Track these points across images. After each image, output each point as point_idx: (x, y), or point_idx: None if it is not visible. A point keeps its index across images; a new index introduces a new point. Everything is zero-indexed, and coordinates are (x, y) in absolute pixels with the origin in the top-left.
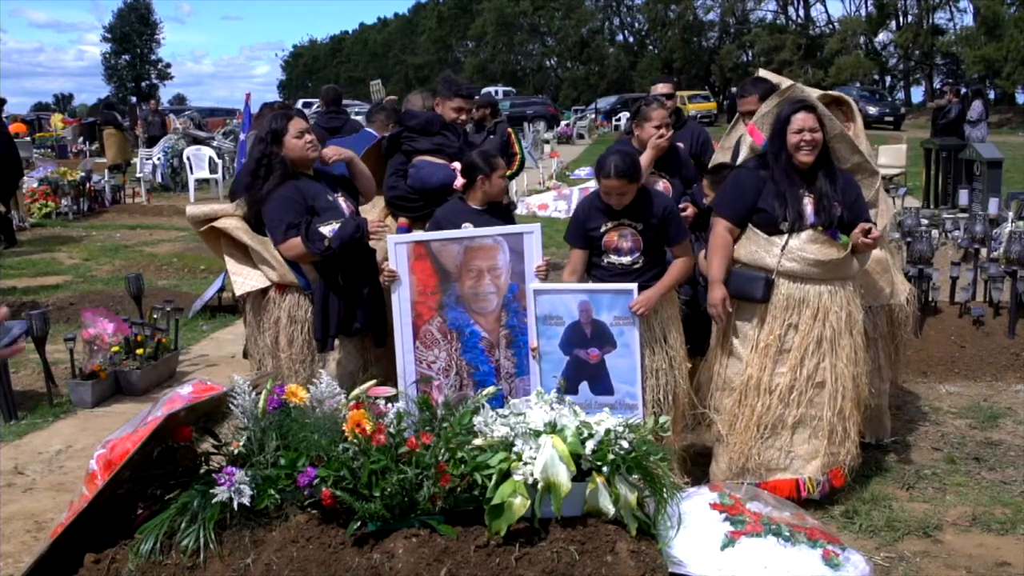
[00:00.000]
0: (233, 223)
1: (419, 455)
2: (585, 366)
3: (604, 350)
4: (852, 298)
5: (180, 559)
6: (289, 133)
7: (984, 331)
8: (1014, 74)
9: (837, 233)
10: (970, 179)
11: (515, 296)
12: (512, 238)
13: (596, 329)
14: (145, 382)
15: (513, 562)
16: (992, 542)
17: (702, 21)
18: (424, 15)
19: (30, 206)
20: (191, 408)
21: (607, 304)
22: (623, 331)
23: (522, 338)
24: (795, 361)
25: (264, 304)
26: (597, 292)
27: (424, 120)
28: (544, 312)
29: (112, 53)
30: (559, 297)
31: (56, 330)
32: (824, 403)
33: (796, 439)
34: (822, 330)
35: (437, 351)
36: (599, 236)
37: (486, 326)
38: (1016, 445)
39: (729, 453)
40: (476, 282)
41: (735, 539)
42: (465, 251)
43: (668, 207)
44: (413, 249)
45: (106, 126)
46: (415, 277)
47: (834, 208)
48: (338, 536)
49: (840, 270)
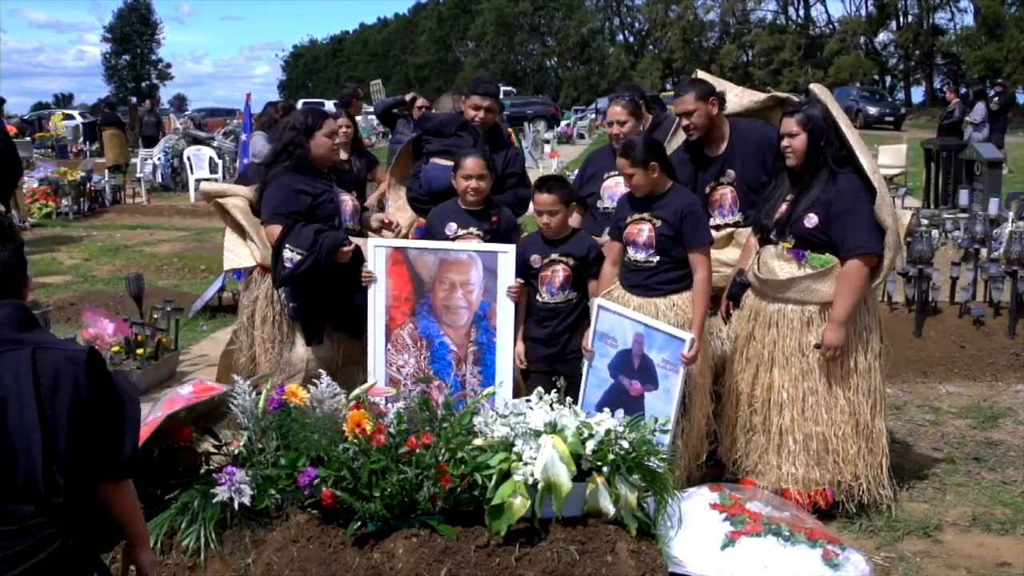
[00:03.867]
0: (233, 201)
1: (419, 455)
2: (625, 395)
3: (646, 387)
4: (822, 325)
5: (180, 559)
6: (321, 130)
7: (984, 331)
8: (1015, 74)
9: (801, 253)
10: (970, 179)
11: (485, 314)
12: (486, 256)
13: (643, 364)
14: (145, 382)
15: (513, 562)
16: (992, 542)
17: (702, 21)
18: (424, 15)
19: (30, 206)
20: (191, 408)
21: (660, 344)
22: (667, 375)
23: (489, 356)
24: (751, 373)
25: (249, 282)
26: (654, 329)
27: (439, 122)
28: (603, 329)
29: (112, 53)
30: (619, 320)
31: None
32: (790, 424)
33: (772, 449)
34: (772, 350)
35: (407, 356)
36: (624, 227)
37: (455, 339)
38: (1016, 445)
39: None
40: (448, 295)
41: (735, 539)
42: (440, 263)
43: (686, 206)
44: (391, 254)
45: (106, 126)
46: (391, 281)
47: (805, 218)
48: (338, 536)
49: (787, 291)
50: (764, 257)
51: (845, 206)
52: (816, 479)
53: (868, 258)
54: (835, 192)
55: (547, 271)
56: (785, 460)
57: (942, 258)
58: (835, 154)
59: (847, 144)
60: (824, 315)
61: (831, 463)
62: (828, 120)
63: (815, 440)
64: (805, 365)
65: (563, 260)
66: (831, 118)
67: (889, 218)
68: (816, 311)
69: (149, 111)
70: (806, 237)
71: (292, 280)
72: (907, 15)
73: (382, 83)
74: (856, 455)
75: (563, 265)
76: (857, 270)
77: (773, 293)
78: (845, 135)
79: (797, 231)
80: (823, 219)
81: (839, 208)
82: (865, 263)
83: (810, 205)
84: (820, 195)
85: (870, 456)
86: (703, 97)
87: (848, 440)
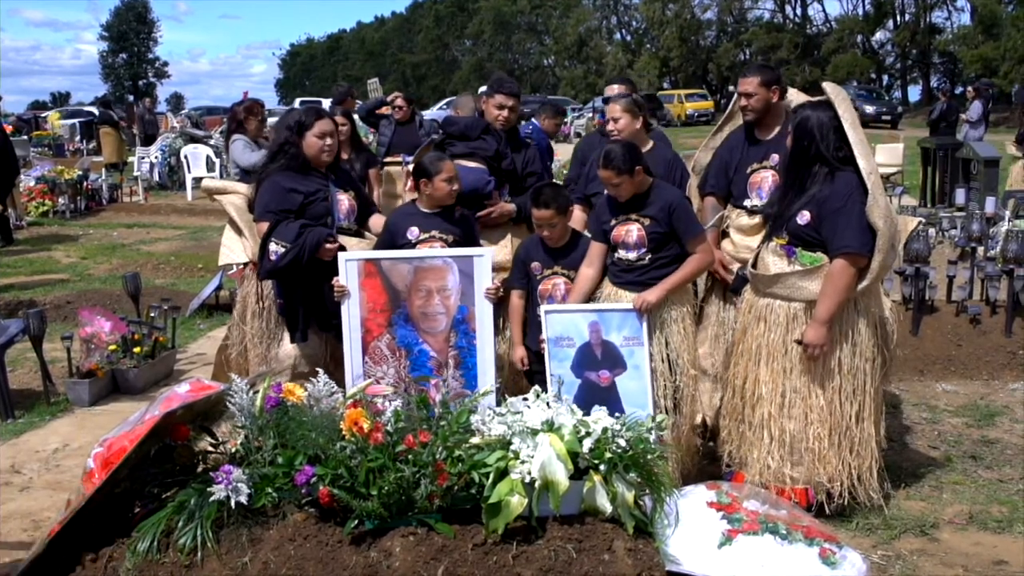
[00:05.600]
0: (229, 199)
1: (416, 453)
2: (596, 390)
3: (615, 372)
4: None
5: (177, 557)
6: (312, 130)
7: (981, 330)
8: (1011, 73)
9: (792, 250)
10: (967, 178)
11: (464, 318)
12: (462, 260)
13: (606, 350)
14: (142, 381)
15: (510, 560)
16: (989, 540)
17: (700, 20)
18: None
19: (27, 205)
20: (188, 407)
21: (616, 324)
22: (633, 352)
23: (471, 360)
24: (743, 366)
25: (243, 278)
26: (606, 311)
27: (464, 126)
28: (555, 334)
29: (109, 52)
30: (569, 317)
31: (53, 329)
32: (767, 418)
33: (755, 442)
34: (760, 345)
35: (386, 367)
36: (609, 230)
37: (435, 346)
38: (1013, 443)
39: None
40: (425, 302)
41: (732, 537)
42: (415, 271)
43: (674, 201)
44: (363, 267)
45: (103, 125)
46: (365, 294)
47: (798, 215)
48: (335, 534)
49: (775, 286)
50: (762, 252)
51: (838, 205)
52: (793, 476)
53: (855, 258)
54: (830, 190)
55: (547, 284)
56: (763, 453)
57: (939, 257)
58: (833, 153)
59: (848, 144)
60: (809, 313)
61: (808, 462)
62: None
63: (789, 436)
64: (787, 362)
65: (564, 274)
66: (835, 117)
67: (881, 220)
68: (801, 308)
69: (149, 110)
70: (799, 234)
71: (275, 273)
72: (904, 14)
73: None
74: (834, 456)
75: (564, 279)
76: (842, 270)
77: (764, 288)
78: (848, 134)
79: (790, 228)
80: (815, 217)
81: (831, 207)
82: (851, 263)
83: (804, 202)
84: (815, 193)
85: (855, 459)
86: (765, 84)
87: (824, 440)
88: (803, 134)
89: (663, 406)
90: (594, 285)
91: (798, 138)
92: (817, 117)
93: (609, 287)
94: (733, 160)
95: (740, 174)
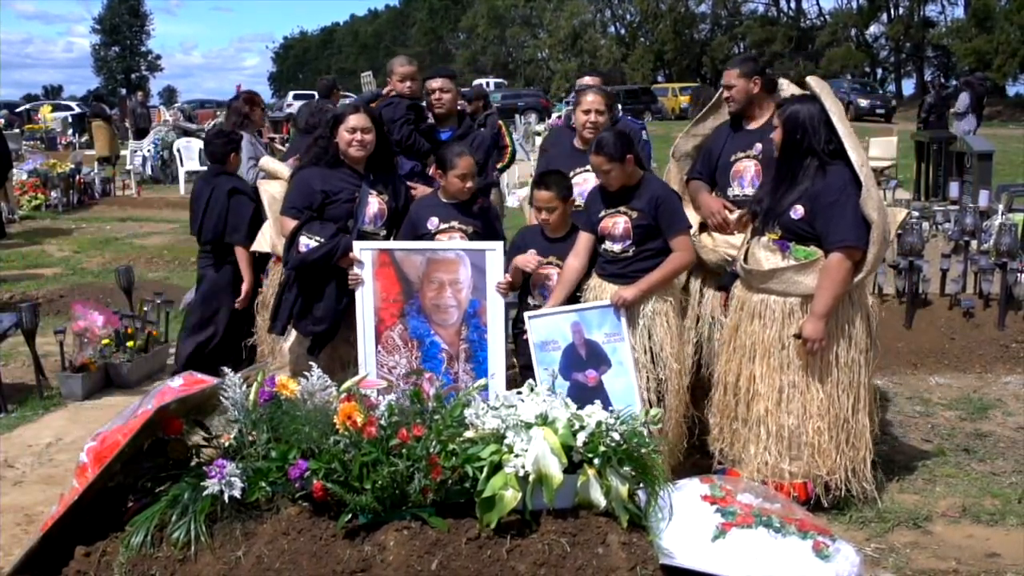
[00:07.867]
0: (270, 186)
1: (410, 447)
2: (585, 390)
3: (600, 371)
4: (803, 318)
5: (171, 552)
6: (345, 124)
7: (974, 323)
8: (1004, 66)
9: (786, 244)
10: (961, 171)
11: (476, 311)
12: (474, 254)
13: (591, 350)
14: (135, 375)
15: (504, 554)
16: (982, 533)
17: (694, 13)
18: (415, 7)
19: (20, 198)
20: (181, 401)
21: (597, 322)
22: (616, 348)
23: (481, 353)
24: (736, 363)
25: (268, 268)
26: (586, 310)
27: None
28: (541, 338)
29: (101, 45)
30: (552, 320)
31: (46, 323)
32: (764, 414)
33: (752, 439)
34: (755, 341)
35: (398, 357)
36: (598, 221)
37: (446, 338)
38: (1005, 436)
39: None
40: (437, 294)
41: (726, 530)
42: (428, 262)
43: (660, 196)
44: (377, 256)
45: (95, 118)
46: (378, 283)
47: (791, 210)
48: (329, 528)
49: (770, 282)
50: (753, 247)
51: (831, 199)
52: (791, 471)
53: (851, 252)
54: (823, 184)
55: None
56: (759, 449)
57: (932, 250)
58: (824, 146)
59: (838, 137)
60: (806, 308)
61: (807, 456)
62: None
63: (787, 431)
64: (785, 357)
65: (559, 264)
66: (823, 111)
67: (875, 212)
68: (797, 303)
69: (142, 103)
70: (791, 228)
71: (302, 265)
72: (898, 7)
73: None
74: (833, 449)
75: (558, 270)
76: (839, 263)
77: (757, 284)
78: (837, 127)
79: (783, 222)
80: (808, 211)
81: (825, 200)
82: (848, 256)
83: (797, 197)
84: (808, 187)
85: (851, 451)
86: (745, 75)
87: (824, 434)
88: (794, 128)
89: (647, 399)
90: (579, 276)
91: (789, 132)
92: (807, 110)
93: (595, 279)
94: (716, 148)
95: (723, 162)
